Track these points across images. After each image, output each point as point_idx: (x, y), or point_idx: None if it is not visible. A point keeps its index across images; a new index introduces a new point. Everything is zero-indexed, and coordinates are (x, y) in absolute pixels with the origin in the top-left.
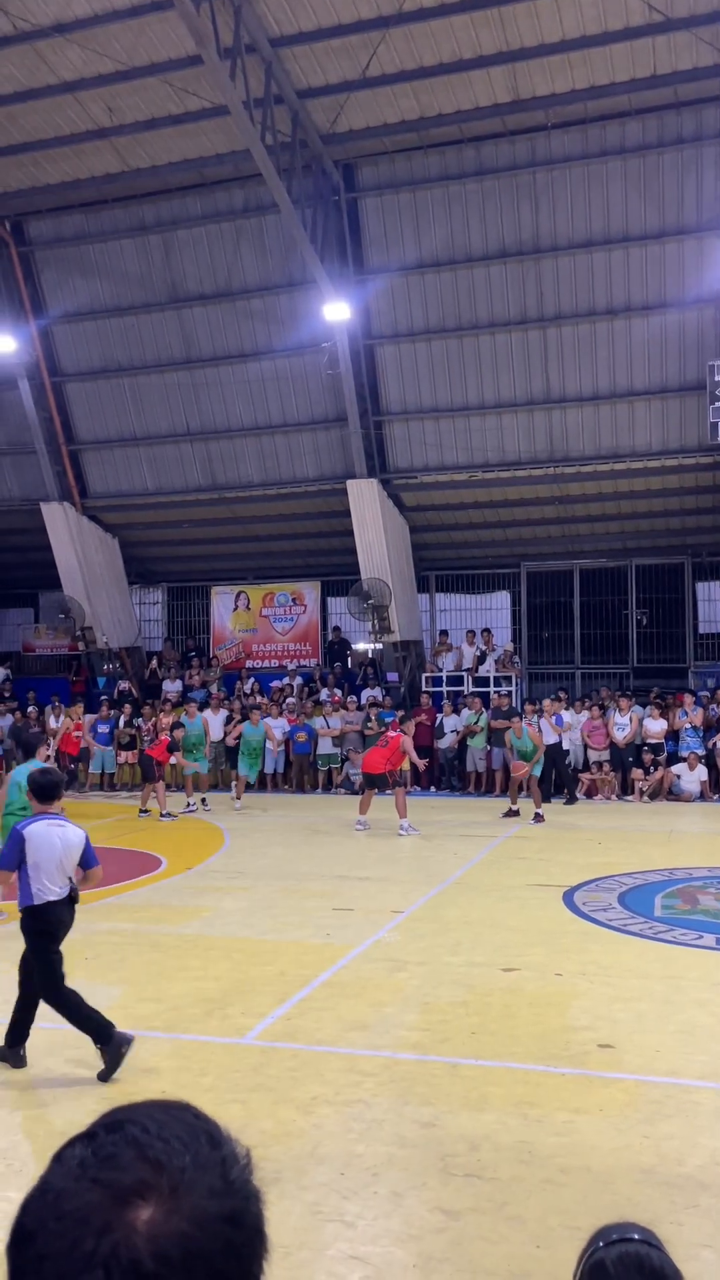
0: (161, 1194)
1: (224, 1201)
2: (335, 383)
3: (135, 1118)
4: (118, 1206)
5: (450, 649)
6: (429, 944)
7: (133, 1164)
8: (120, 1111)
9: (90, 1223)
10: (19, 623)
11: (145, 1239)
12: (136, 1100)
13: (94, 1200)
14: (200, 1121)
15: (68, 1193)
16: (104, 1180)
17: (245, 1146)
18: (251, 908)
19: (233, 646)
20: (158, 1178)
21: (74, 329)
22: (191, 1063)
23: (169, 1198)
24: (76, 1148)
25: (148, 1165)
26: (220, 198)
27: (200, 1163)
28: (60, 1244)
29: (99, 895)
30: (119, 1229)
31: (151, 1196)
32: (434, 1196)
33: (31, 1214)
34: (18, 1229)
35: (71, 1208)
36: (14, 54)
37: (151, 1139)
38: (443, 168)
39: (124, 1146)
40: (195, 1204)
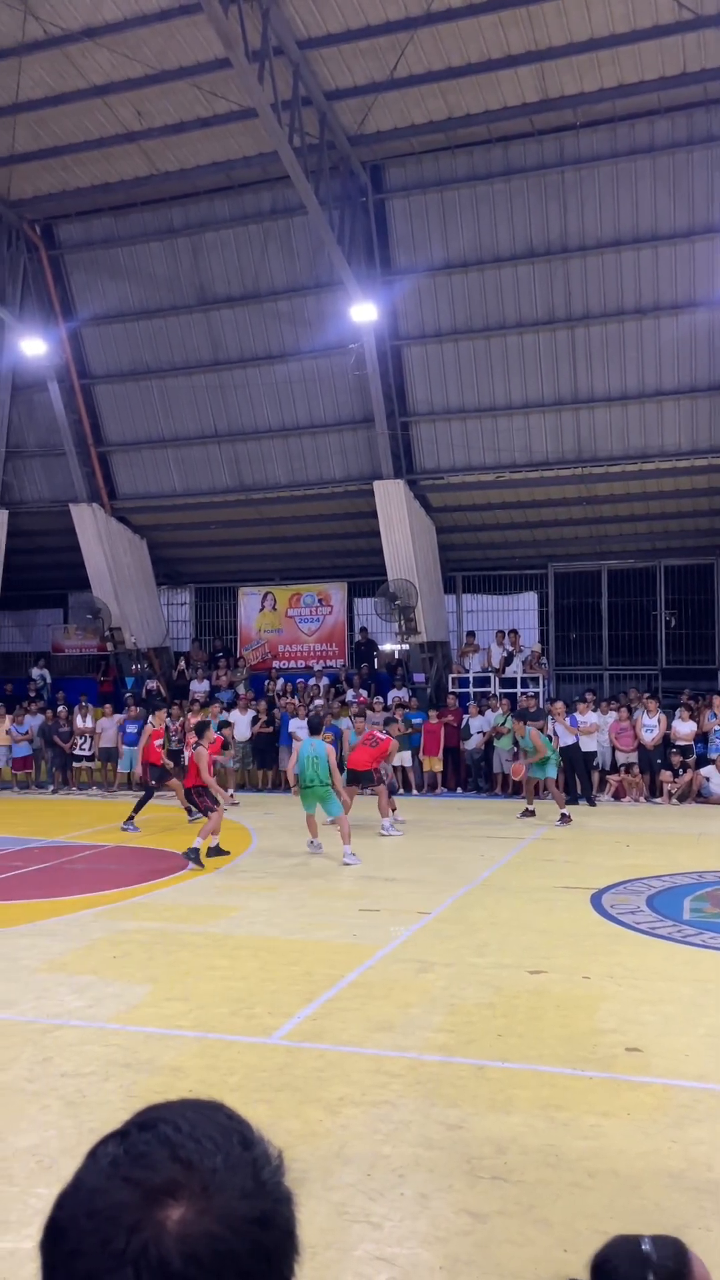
0: (192, 1194)
1: (254, 1203)
2: (362, 384)
3: (168, 1117)
4: (148, 1205)
5: (477, 650)
6: (456, 945)
7: (164, 1163)
8: (153, 1110)
9: (121, 1221)
10: (49, 623)
11: (175, 1238)
12: (166, 1099)
13: (125, 1198)
14: (232, 1122)
15: (100, 1190)
16: (135, 1179)
17: (277, 1148)
18: (278, 907)
19: (259, 647)
20: (189, 1177)
21: (103, 331)
22: (218, 1062)
23: (199, 1198)
24: (110, 1145)
25: (179, 1165)
26: (248, 200)
27: (232, 1163)
28: (91, 1241)
29: (127, 894)
30: (149, 1228)
31: (182, 1196)
32: (460, 1199)
33: (64, 1210)
34: (51, 1225)
35: (103, 1205)
36: (44, 59)
37: (183, 1138)
38: (470, 168)
39: (156, 1145)
40: (225, 1205)
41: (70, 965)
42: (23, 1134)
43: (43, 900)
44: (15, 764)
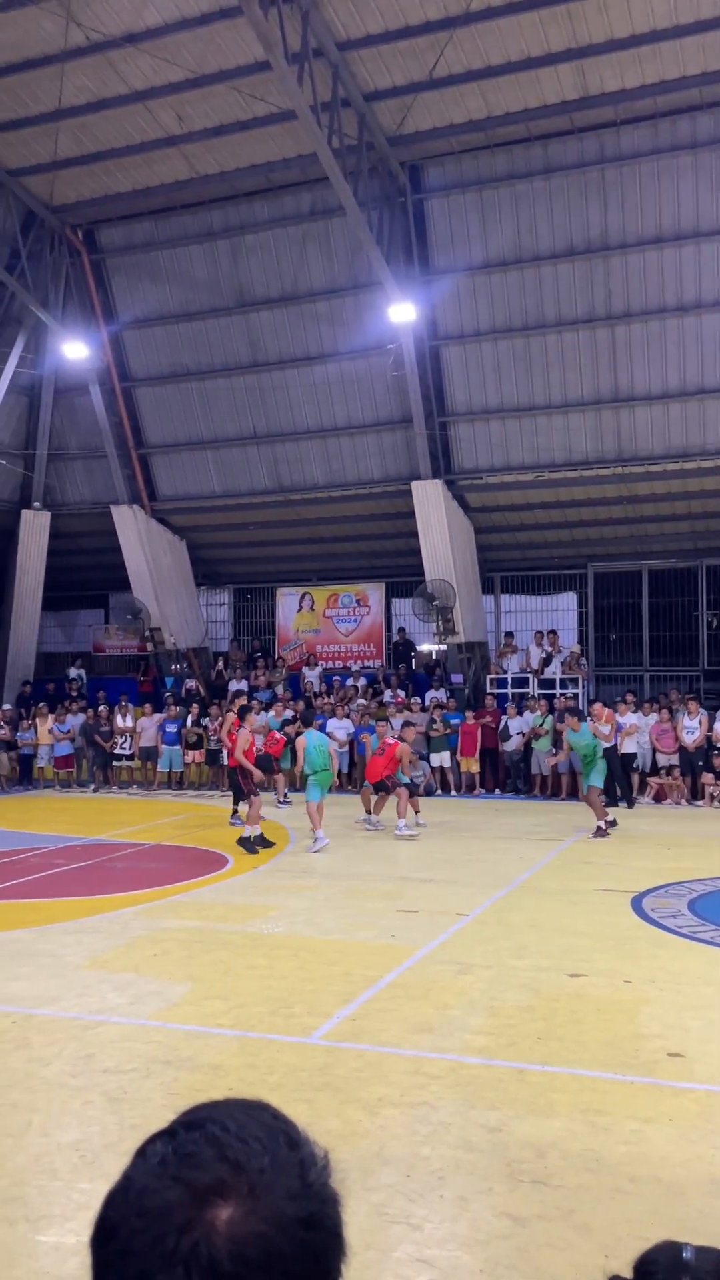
0: (240, 1194)
1: (302, 1204)
2: (400, 384)
3: (215, 1116)
4: (197, 1205)
5: (515, 650)
6: (495, 947)
7: (212, 1163)
8: (201, 1110)
9: (171, 1220)
10: (90, 624)
11: (224, 1238)
12: (206, 1097)
13: (174, 1198)
14: (278, 1122)
15: (149, 1190)
16: (184, 1178)
17: (323, 1149)
18: (316, 907)
19: (297, 647)
20: (236, 1178)
21: (143, 334)
22: (258, 1061)
23: (247, 1198)
24: (158, 1144)
25: (227, 1165)
26: (287, 202)
27: (279, 1164)
28: (142, 1240)
29: (167, 893)
30: (199, 1228)
31: (231, 1196)
32: (501, 1202)
33: (115, 1209)
34: (101, 1223)
35: (153, 1205)
36: (87, 65)
37: (230, 1138)
38: (510, 166)
39: (203, 1145)
40: (273, 1205)
41: (111, 963)
42: (66, 1129)
43: (84, 898)
44: (57, 763)
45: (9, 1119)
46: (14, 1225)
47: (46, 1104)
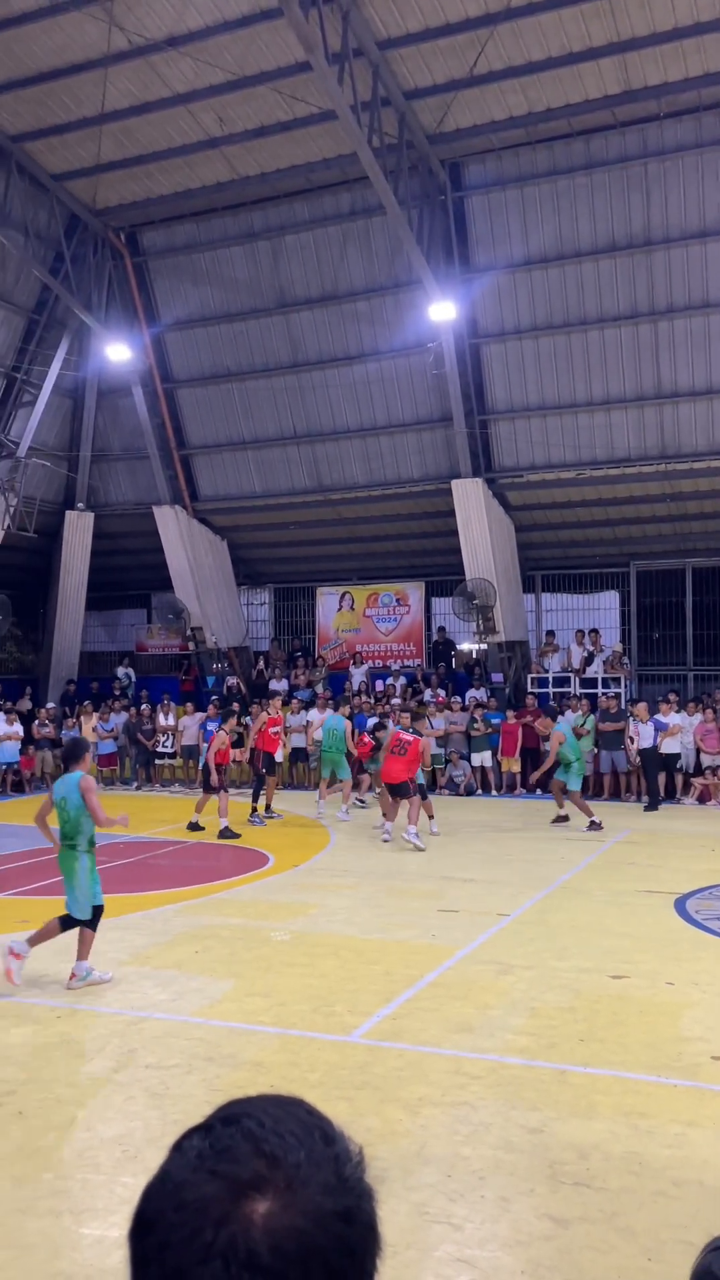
0: (277, 1188)
1: (338, 1198)
2: (440, 382)
3: (251, 1111)
4: (234, 1199)
5: (557, 650)
6: (536, 948)
7: (248, 1158)
8: (236, 1105)
9: (209, 1214)
10: (133, 623)
11: (262, 1232)
12: (248, 1093)
13: (212, 1192)
14: (313, 1118)
15: (187, 1184)
16: (221, 1173)
17: (358, 1144)
18: (357, 906)
19: (337, 646)
20: (273, 1172)
21: (185, 336)
22: (299, 1058)
23: (284, 1192)
24: (194, 1139)
25: (263, 1160)
26: (327, 202)
27: (314, 1159)
28: (180, 1234)
29: (208, 890)
30: (236, 1222)
31: (267, 1190)
32: (542, 1203)
33: (152, 1203)
34: (139, 1217)
35: (191, 1198)
36: (129, 69)
37: (266, 1133)
38: (551, 163)
39: (240, 1140)
40: (310, 1200)
41: (154, 959)
42: (109, 1123)
43: (127, 895)
44: (100, 760)
45: (53, 1113)
46: (59, 1218)
47: (90, 1099)
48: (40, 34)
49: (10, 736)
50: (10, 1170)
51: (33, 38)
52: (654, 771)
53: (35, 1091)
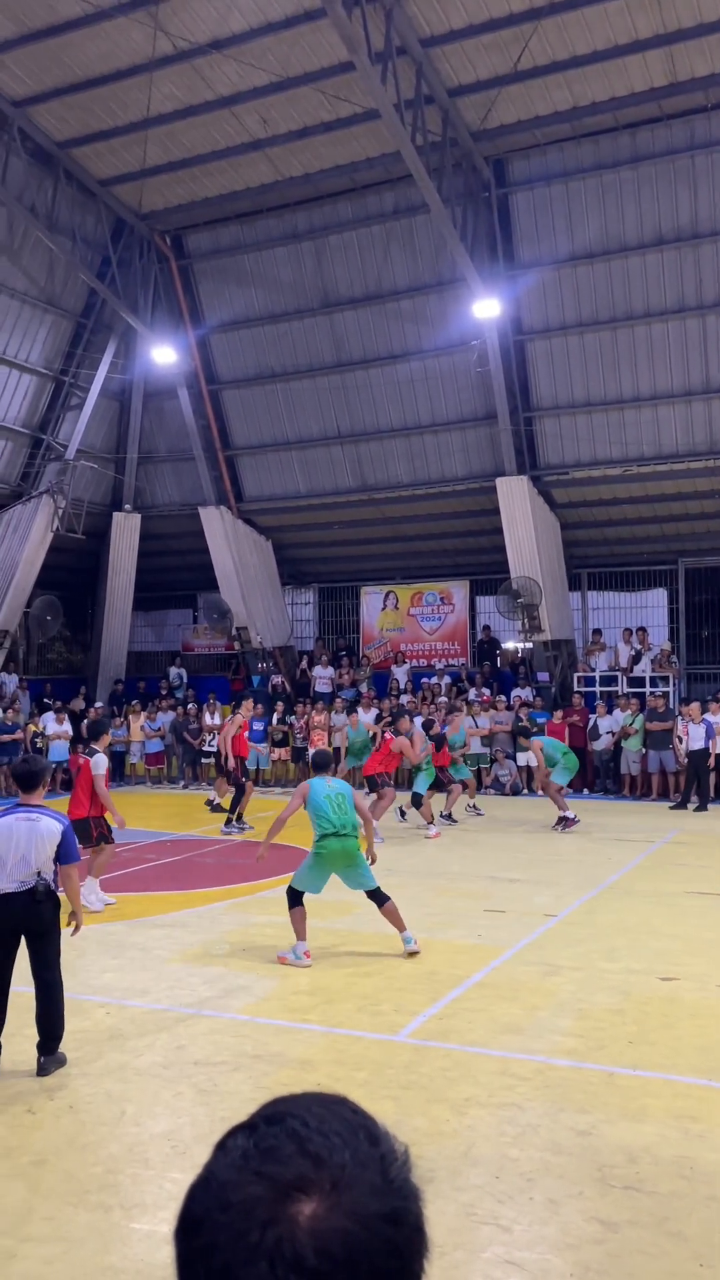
0: (323, 1190)
1: (384, 1200)
2: (485, 380)
3: (295, 1111)
4: (280, 1200)
5: (604, 648)
6: (584, 949)
7: (293, 1158)
8: (280, 1103)
9: (255, 1215)
10: (179, 623)
11: (308, 1234)
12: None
13: (257, 1193)
14: (358, 1117)
15: (232, 1184)
16: (266, 1173)
17: (403, 1144)
18: (403, 905)
19: (381, 645)
20: (318, 1173)
21: (229, 337)
22: (345, 1057)
23: (330, 1194)
24: (238, 1138)
25: (308, 1160)
26: (371, 201)
27: (360, 1159)
28: (226, 1235)
29: (254, 889)
30: (282, 1223)
31: (313, 1191)
32: (591, 1206)
33: (197, 1203)
34: (185, 1216)
35: (236, 1199)
36: (174, 73)
37: (311, 1133)
38: (596, 157)
39: (284, 1140)
40: (356, 1201)
41: (201, 956)
42: (158, 1119)
43: (175, 892)
44: (148, 759)
45: (103, 1108)
46: (109, 1212)
47: (139, 1094)
48: (86, 41)
49: (60, 735)
50: (61, 1163)
51: (79, 45)
52: (706, 772)
53: (85, 1086)
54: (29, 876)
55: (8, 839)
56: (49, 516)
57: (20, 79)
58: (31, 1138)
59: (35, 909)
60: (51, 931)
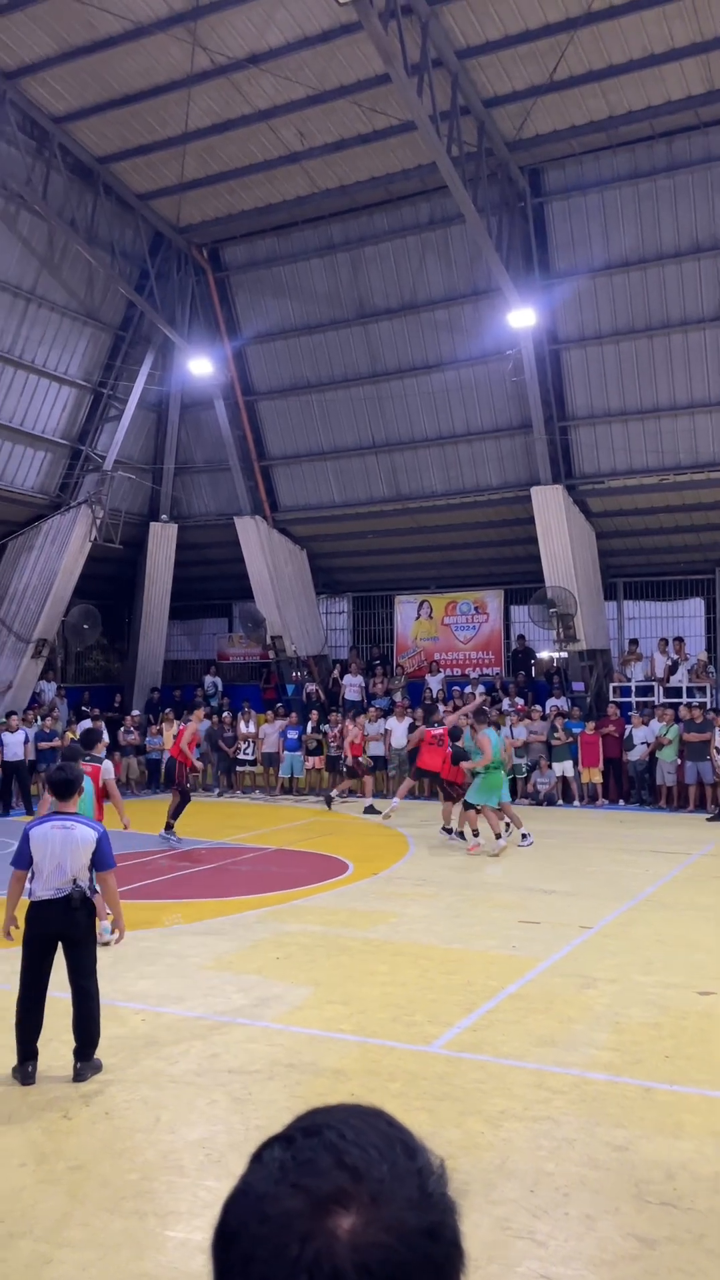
0: (361, 1203)
1: (423, 1214)
2: (519, 389)
3: (332, 1123)
4: (318, 1214)
5: (640, 658)
6: (620, 962)
7: (331, 1171)
8: (316, 1115)
9: (293, 1228)
10: (214, 632)
11: (347, 1248)
12: (328, 1102)
13: (295, 1206)
14: (394, 1129)
15: (269, 1197)
16: (305, 1186)
17: (439, 1157)
18: (436, 915)
19: (415, 654)
20: (357, 1186)
21: (265, 349)
22: (379, 1067)
23: (369, 1207)
24: (275, 1150)
25: (346, 1173)
26: (406, 212)
27: (398, 1173)
28: (264, 1248)
29: (288, 897)
30: (321, 1237)
31: (352, 1205)
32: (628, 1222)
33: (235, 1215)
34: (222, 1228)
35: (274, 1212)
36: (212, 88)
37: (348, 1145)
38: (633, 165)
39: (321, 1152)
40: (395, 1215)
41: (236, 964)
42: (193, 1127)
43: (209, 900)
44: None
45: (138, 1114)
46: (143, 1219)
47: (174, 1101)
48: (125, 57)
49: None
50: (97, 1169)
51: (118, 61)
52: None
53: (121, 1092)
54: (65, 884)
55: (43, 847)
56: (87, 526)
57: (61, 96)
58: (67, 1143)
59: (71, 916)
60: (88, 938)
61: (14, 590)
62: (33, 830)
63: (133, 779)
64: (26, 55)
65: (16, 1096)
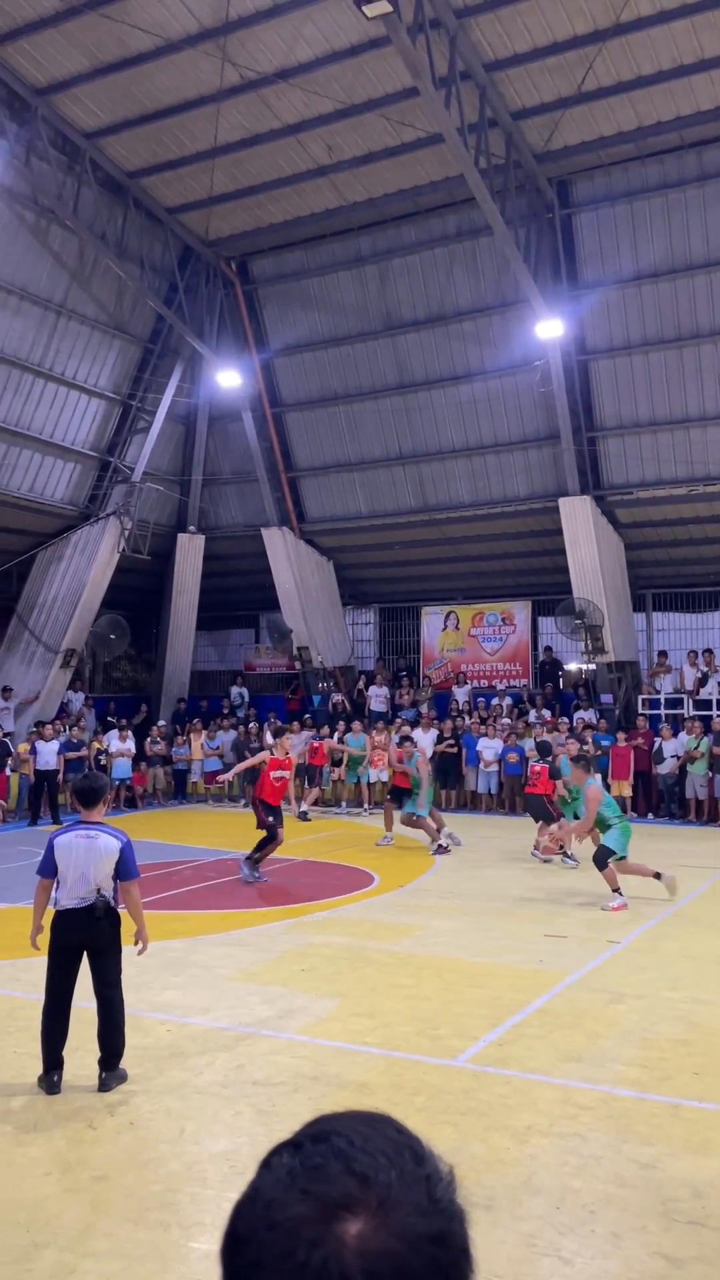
0: (369, 1209)
1: (431, 1220)
2: (547, 400)
3: (340, 1129)
4: (327, 1219)
5: (669, 670)
6: (648, 977)
7: (339, 1177)
8: (325, 1121)
9: (301, 1234)
10: (241, 643)
11: (355, 1253)
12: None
13: (304, 1211)
14: (402, 1136)
15: (278, 1202)
16: (313, 1192)
17: (448, 1164)
18: (462, 929)
19: (442, 666)
20: (365, 1192)
21: (293, 361)
22: (404, 1081)
23: (376, 1213)
24: (284, 1156)
25: (354, 1179)
26: (434, 224)
27: (406, 1179)
28: (272, 1253)
29: (313, 909)
30: (329, 1242)
31: (360, 1211)
32: (655, 1241)
33: (244, 1221)
34: (231, 1234)
35: (282, 1218)
36: (241, 103)
37: (357, 1152)
38: (662, 176)
39: (330, 1158)
40: (403, 1221)
41: (261, 976)
42: (217, 1138)
43: (235, 911)
44: (206, 778)
45: (163, 1125)
46: (167, 1230)
47: (199, 1113)
48: (156, 73)
49: (123, 753)
50: (122, 1180)
51: (149, 77)
52: None
53: (146, 1103)
54: (89, 893)
55: (67, 856)
56: (116, 537)
57: (92, 111)
58: (92, 1153)
59: (95, 925)
60: (112, 948)
61: (43, 600)
62: (57, 839)
63: (159, 789)
64: (59, 72)
65: (42, 1105)
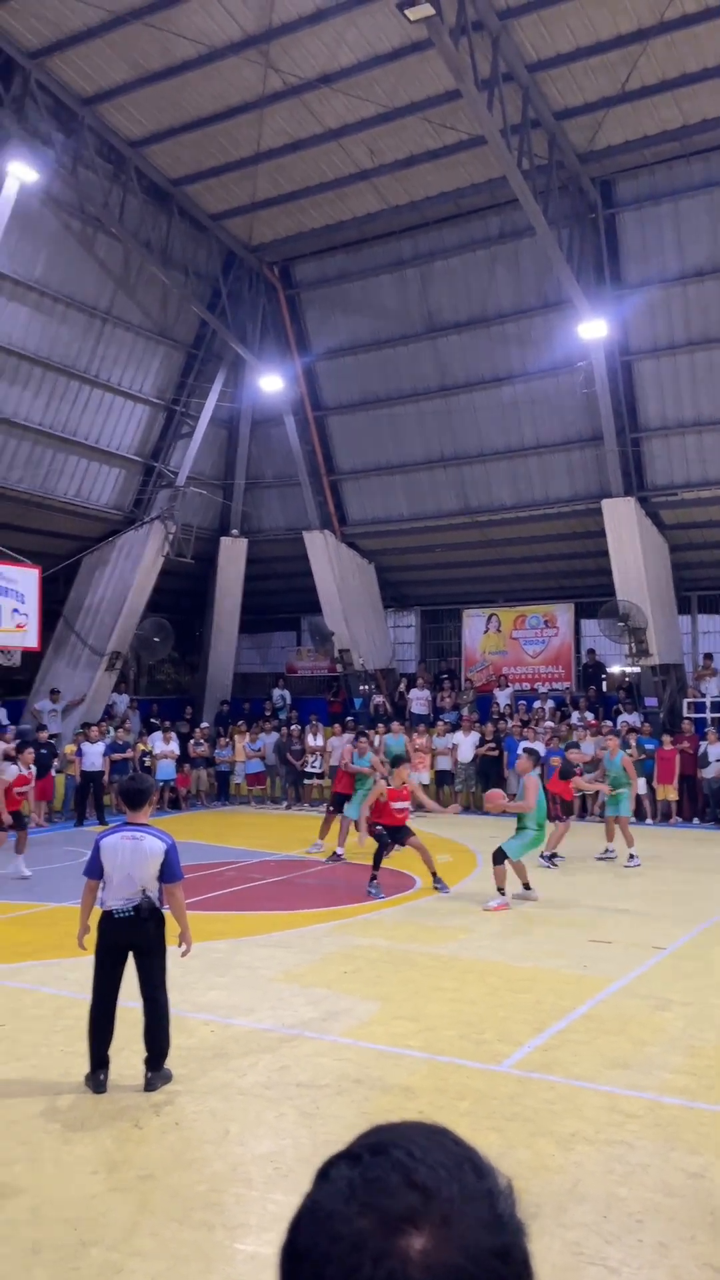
0: (433, 1223)
1: (495, 1236)
2: (590, 401)
3: (399, 1141)
4: (390, 1234)
5: (715, 673)
6: (695, 984)
7: (400, 1190)
8: (382, 1132)
9: (365, 1249)
10: (283, 645)
11: (420, 1269)
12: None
13: (366, 1226)
14: (461, 1148)
15: (339, 1215)
16: (375, 1205)
17: (507, 1177)
18: (506, 933)
19: (484, 668)
20: (428, 1206)
21: (335, 364)
22: (448, 1085)
23: (440, 1228)
24: (342, 1168)
25: (417, 1192)
26: (476, 226)
27: (468, 1193)
28: (336, 1267)
29: (357, 911)
30: (394, 1257)
31: (424, 1225)
32: (704, 1252)
33: (304, 1234)
34: (290, 1247)
35: (345, 1232)
36: (284, 108)
37: (417, 1164)
38: (707, 174)
39: (390, 1171)
40: (467, 1236)
41: (304, 977)
42: (261, 1140)
43: (278, 912)
44: (249, 779)
45: (208, 1126)
46: (212, 1231)
47: (242, 1114)
48: (200, 81)
49: (167, 755)
50: (167, 1180)
51: (193, 85)
52: None
53: (190, 1103)
54: (134, 894)
55: (113, 857)
56: (160, 541)
57: (137, 120)
58: (138, 1153)
59: (140, 926)
60: (157, 949)
61: (89, 604)
62: (104, 841)
63: (201, 790)
64: (104, 82)
65: (89, 1104)
